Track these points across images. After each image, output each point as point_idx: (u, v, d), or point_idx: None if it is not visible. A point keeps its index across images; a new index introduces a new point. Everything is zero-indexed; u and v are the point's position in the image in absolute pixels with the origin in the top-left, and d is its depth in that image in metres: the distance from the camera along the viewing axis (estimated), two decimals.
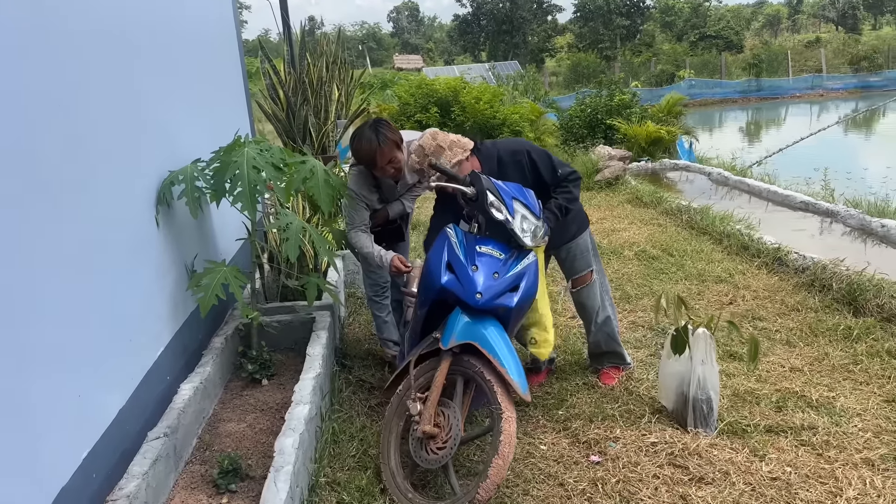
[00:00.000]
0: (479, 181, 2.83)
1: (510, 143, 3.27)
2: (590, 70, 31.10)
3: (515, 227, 2.81)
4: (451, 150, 3.04)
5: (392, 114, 12.77)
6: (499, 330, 2.74)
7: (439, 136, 3.07)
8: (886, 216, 6.16)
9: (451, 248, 2.83)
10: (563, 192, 3.22)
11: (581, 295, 3.55)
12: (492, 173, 3.13)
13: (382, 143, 3.26)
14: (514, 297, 2.78)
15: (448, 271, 2.78)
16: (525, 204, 2.89)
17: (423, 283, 2.91)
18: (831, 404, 3.33)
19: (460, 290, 2.73)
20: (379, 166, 3.31)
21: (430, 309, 2.89)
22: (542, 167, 3.19)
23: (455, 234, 2.89)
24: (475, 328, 2.71)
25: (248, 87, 5.38)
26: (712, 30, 48.27)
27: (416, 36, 76.21)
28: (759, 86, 28.79)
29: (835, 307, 4.49)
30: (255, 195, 3.03)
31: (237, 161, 3.06)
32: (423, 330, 2.99)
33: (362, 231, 3.54)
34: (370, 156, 3.28)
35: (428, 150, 3.03)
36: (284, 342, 3.67)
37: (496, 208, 2.79)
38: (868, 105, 24.70)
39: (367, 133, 3.29)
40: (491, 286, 2.74)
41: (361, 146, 3.29)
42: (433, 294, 2.81)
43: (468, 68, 23.03)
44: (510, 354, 2.66)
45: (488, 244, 2.85)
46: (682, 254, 5.87)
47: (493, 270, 2.78)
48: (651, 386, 3.58)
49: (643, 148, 10.27)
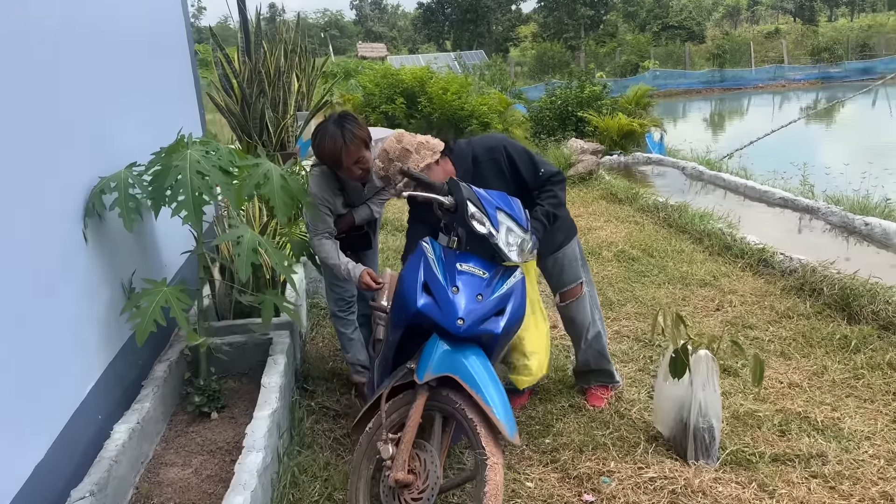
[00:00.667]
0: (457, 190, 2.47)
1: (485, 140, 2.91)
2: (555, 60, 30.89)
3: (500, 242, 2.47)
4: (418, 154, 2.68)
5: (356, 105, 12.33)
6: (482, 360, 2.40)
7: (405, 139, 2.70)
8: (869, 213, 5.97)
9: (429, 265, 2.48)
10: (548, 196, 2.89)
11: (570, 309, 3.23)
12: (467, 175, 2.78)
13: (349, 141, 2.89)
14: (500, 322, 2.43)
15: (425, 293, 2.43)
16: (510, 215, 2.54)
17: (396, 305, 2.55)
18: (837, 426, 3.07)
19: (439, 316, 2.37)
20: (345, 167, 2.94)
21: (403, 334, 2.53)
22: (521, 166, 2.85)
23: (432, 249, 2.54)
24: (455, 358, 2.36)
25: (198, 78, 4.93)
26: (674, 20, 48.52)
27: (380, 24, 75.25)
28: (722, 76, 28.91)
29: (827, 313, 4.25)
30: (199, 204, 2.64)
31: (179, 165, 2.66)
32: (395, 357, 2.63)
33: (326, 238, 3.17)
34: (335, 155, 2.91)
35: (393, 155, 2.66)
36: (238, 366, 3.28)
37: (478, 220, 2.44)
38: (829, 96, 24.96)
39: (330, 129, 2.91)
40: (474, 310, 2.39)
41: (325, 144, 2.91)
42: (408, 319, 2.45)
43: (434, 57, 22.58)
44: (496, 390, 2.32)
45: (470, 261, 2.50)
46: (663, 254, 5.61)
47: (476, 292, 2.43)
48: (644, 408, 3.29)
49: (615, 141, 10.02)
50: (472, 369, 2.33)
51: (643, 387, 3.50)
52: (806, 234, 6.13)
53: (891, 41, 32.51)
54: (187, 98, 4.46)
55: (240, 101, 5.01)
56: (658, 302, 4.62)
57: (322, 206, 3.11)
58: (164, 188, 2.63)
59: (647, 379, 3.58)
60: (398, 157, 2.66)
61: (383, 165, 2.69)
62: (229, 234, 2.76)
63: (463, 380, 2.31)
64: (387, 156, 2.68)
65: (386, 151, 2.67)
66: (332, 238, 3.19)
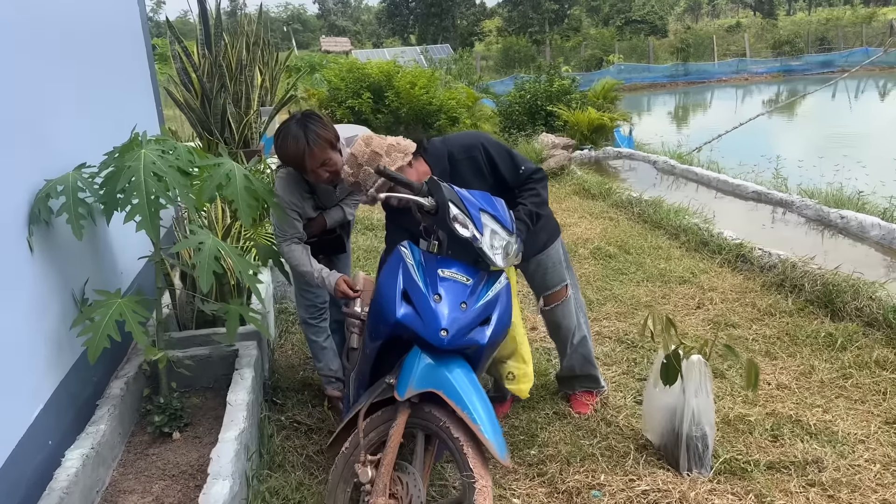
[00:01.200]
0: (438, 190, 2.30)
1: (462, 138, 2.74)
2: (521, 54, 30.80)
3: (484, 246, 2.30)
4: (388, 156, 2.49)
5: (321, 99, 12.04)
6: (467, 372, 2.23)
7: (374, 141, 2.51)
8: (843, 207, 5.95)
9: (408, 271, 2.30)
10: (530, 194, 2.74)
11: (555, 314, 3.08)
12: (443, 175, 2.61)
13: (312, 143, 2.69)
14: (485, 332, 2.27)
15: (404, 302, 2.25)
16: (495, 216, 2.38)
17: (373, 315, 2.37)
18: (830, 430, 2.98)
19: (420, 327, 2.20)
20: (309, 170, 2.74)
21: (382, 345, 2.35)
22: (501, 164, 2.69)
23: (411, 253, 2.36)
24: (438, 372, 2.19)
25: (155, 73, 4.67)
26: (637, 14, 48.89)
27: (343, 18, 74.48)
28: (686, 70, 29.12)
29: (810, 310, 4.18)
30: (155, 209, 2.42)
31: (132, 166, 2.44)
32: (373, 370, 2.45)
33: (296, 243, 2.97)
34: (298, 158, 2.71)
35: (362, 159, 2.48)
36: (201, 380, 3.07)
37: (460, 223, 2.27)
38: (791, 89, 25.32)
39: (293, 130, 2.71)
40: (457, 319, 2.22)
41: (287, 146, 2.71)
42: (386, 330, 2.27)
43: (401, 51, 22.27)
44: (483, 406, 2.16)
45: (452, 266, 2.32)
46: (640, 251, 5.51)
47: (459, 299, 2.25)
48: (631, 414, 3.16)
49: (585, 135, 9.92)
50: (458, 384, 2.17)
51: (628, 391, 3.38)
52: (781, 228, 6.09)
53: (847, 35, 33.14)
54: (143, 93, 4.20)
55: (200, 97, 4.76)
56: (638, 301, 4.51)
57: (290, 210, 2.91)
58: (117, 192, 2.41)
59: (632, 383, 3.46)
60: (368, 162, 2.47)
61: (352, 171, 2.50)
62: (189, 240, 2.54)
63: (448, 396, 2.14)
64: (355, 161, 2.49)
65: (354, 156, 2.49)
66: (302, 243, 2.99)
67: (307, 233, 3.04)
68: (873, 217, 5.50)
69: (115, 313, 2.42)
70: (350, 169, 2.49)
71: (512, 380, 2.89)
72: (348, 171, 2.50)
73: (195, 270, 2.45)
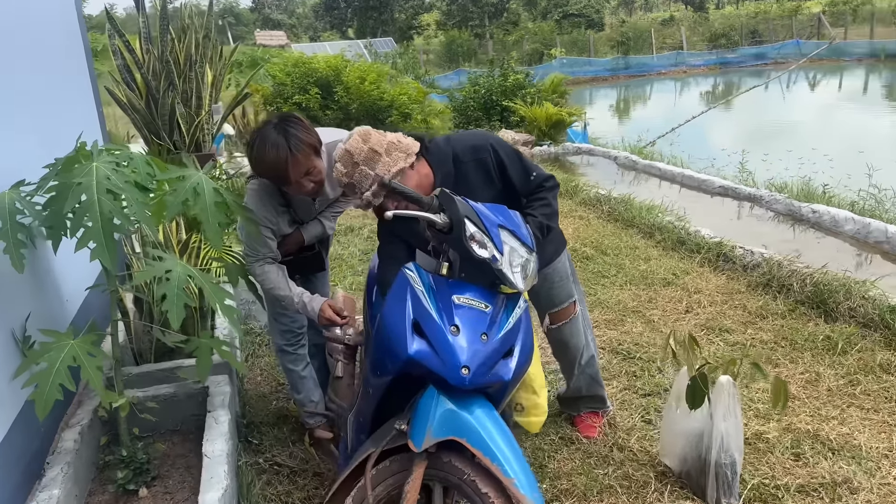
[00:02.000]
0: (452, 205, 1.99)
1: (469, 138, 2.44)
2: (464, 48, 30.58)
3: (504, 267, 2.01)
4: (389, 156, 2.18)
5: (266, 96, 11.52)
6: (492, 416, 1.94)
7: (372, 138, 2.20)
8: (814, 201, 5.90)
9: (418, 299, 1.99)
10: (541, 204, 2.46)
11: (562, 333, 2.81)
12: (447, 179, 2.31)
13: (295, 150, 2.34)
14: (509, 365, 1.98)
15: (416, 335, 1.94)
16: (514, 233, 2.09)
17: (378, 350, 2.05)
18: (851, 444, 2.81)
19: (438, 365, 1.89)
20: (293, 181, 2.40)
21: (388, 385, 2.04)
22: (511, 168, 2.40)
23: (419, 277, 2.05)
24: (460, 417, 1.89)
25: (93, 70, 4.20)
26: (574, 8, 49.35)
27: (278, 11, 72.81)
28: (626, 63, 29.45)
29: (802, 311, 4.06)
30: (111, 233, 2.04)
31: (82, 183, 2.05)
32: (376, 412, 2.14)
33: (269, 264, 2.62)
34: (279, 168, 2.36)
35: (358, 157, 2.16)
36: (167, 423, 2.69)
37: (478, 242, 1.97)
38: (727, 80, 25.89)
39: (271, 137, 2.36)
40: (479, 352, 1.92)
41: (266, 156, 2.36)
42: (395, 367, 1.96)
43: (348, 45, 21.67)
44: (514, 455, 1.87)
45: (467, 291, 2.02)
46: (617, 252, 5.32)
47: (479, 330, 1.95)
48: (643, 437, 2.93)
49: (543, 131, 9.73)
50: (483, 430, 1.87)
51: (634, 409, 3.15)
52: (753, 224, 6.01)
53: (776, 27, 34.14)
54: (83, 95, 3.74)
55: (145, 96, 4.31)
56: (625, 306, 4.30)
57: (264, 227, 2.56)
58: (65, 213, 2.02)
59: (637, 400, 3.24)
60: (365, 161, 2.15)
61: (346, 171, 2.17)
62: (153, 268, 2.16)
63: (474, 445, 1.84)
64: (351, 159, 2.17)
65: (350, 153, 2.16)
66: (276, 262, 2.64)
67: (282, 251, 2.70)
68: (846, 211, 5.45)
69: (66, 358, 2.04)
70: (344, 168, 2.16)
71: (521, 412, 2.61)
72: (342, 169, 2.17)
73: (162, 303, 2.08)
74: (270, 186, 2.56)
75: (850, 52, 27.30)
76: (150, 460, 2.40)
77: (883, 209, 5.72)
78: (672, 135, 10.73)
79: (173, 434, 2.68)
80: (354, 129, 2.29)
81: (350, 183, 2.19)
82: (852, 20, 33.55)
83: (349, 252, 5.59)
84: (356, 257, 5.49)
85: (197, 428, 2.66)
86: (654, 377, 3.41)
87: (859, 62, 26.42)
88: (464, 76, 14.25)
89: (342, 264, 5.27)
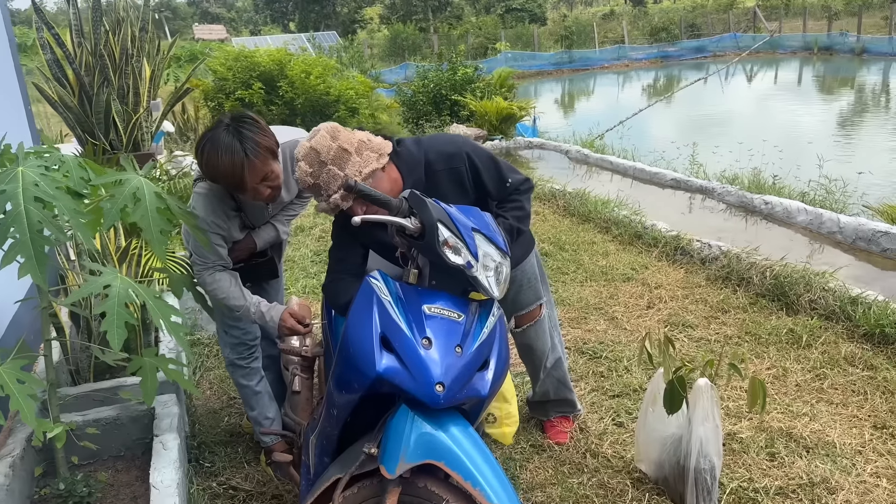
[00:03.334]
0: (424, 208, 1.84)
1: (442, 143, 2.28)
2: (409, 42, 30.32)
3: (480, 275, 1.87)
4: (359, 155, 2.02)
5: (207, 91, 11.11)
6: (468, 433, 1.80)
7: (342, 135, 2.03)
8: (765, 192, 5.95)
9: (385, 310, 1.83)
10: (513, 206, 2.35)
11: (527, 335, 2.70)
12: (417, 185, 2.16)
13: (252, 155, 2.15)
14: (486, 378, 1.84)
15: (385, 350, 1.79)
16: (487, 236, 1.95)
17: (342, 366, 1.88)
18: (824, 441, 2.78)
19: (409, 383, 1.74)
20: (249, 188, 2.21)
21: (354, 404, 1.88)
22: (486, 176, 2.27)
23: (385, 286, 1.89)
24: (435, 439, 1.74)
25: (19, 65, 3.88)
26: (517, 3, 49.60)
27: (217, 5, 71.06)
28: (570, 57, 29.69)
29: (763, 304, 4.05)
30: (42, 245, 1.82)
31: (7, 190, 1.83)
32: (342, 433, 1.97)
33: (220, 272, 2.42)
34: (235, 175, 2.16)
35: (326, 156, 1.99)
36: (110, 449, 2.46)
37: (452, 248, 1.83)
38: (668, 73, 26.36)
39: (224, 140, 2.15)
40: (453, 367, 1.77)
41: (219, 162, 2.15)
42: (362, 386, 1.80)
43: (292, 38, 21.12)
44: (496, 477, 1.73)
45: (438, 300, 1.87)
46: (575, 247, 5.25)
47: (452, 343, 1.81)
48: (615, 441, 2.84)
49: (494, 125, 9.64)
50: (462, 451, 1.73)
51: (605, 412, 3.07)
52: (706, 216, 6.03)
53: (714, 21, 34.96)
54: (8, 92, 3.44)
55: (77, 93, 4.01)
56: (587, 303, 4.23)
57: (214, 234, 2.36)
58: None
59: (606, 401, 3.15)
60: (333, 160, 1.98)
61: (312, 171, 2.00)
62: (91, 284, 1.95)
63: (452, 468, 1.70)
64: (317, 157, 1.99)
65: (316, 152, 1.99)
66: (227, 270, 2.45)
67: (232, 258, 2.50)
68: (798, 202, 5.50)
69: None
70: (309, 168, 1.98)
71: (493, 423, 2.49)
72: (306, 169, 1.99)
73: (102, 323, 1.88)
74: (220, 190, 2.36)
75: (784, 45, 28.09)
76: (91, 493, 2.18)
77: (833, 199, 5.80)
78: (620, 128, 10.77)
79: (116, 461, 2.46)
80: (321, 126, 2.11)
81: (315, 184, 2.01)
82: (785, 14, 34.60)
83: (300, 254, 5.38)
84: (308, 258, 5.28)
85: (143, 452, 2.45)
86: (622, 377, 3.33)
87: (794, 55, 27.22)
88: (410, 70, 14.08)
89: (294, 266, 5.06)
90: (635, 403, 3.08)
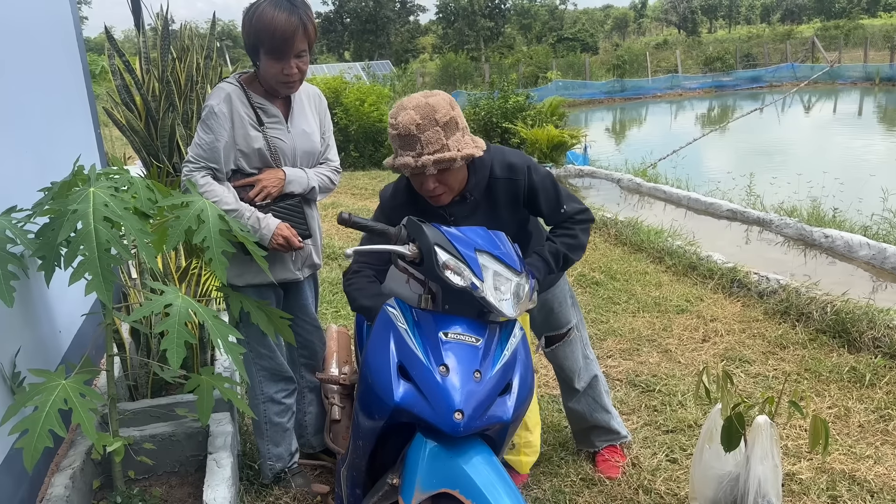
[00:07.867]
0: (420, 233, 1.85)
1: (508, 154, 2.29)
2: (460, 71, 30.67)
3: (487, 294, 1.85)
4: (465, 135, 2.06)
5: None
6: (489, 460, 1.74)
7: (458, 110, 2.06)
8: (825, 225, 5.79)
9: (401, 339, 1.82)
10: (566, 234, 2.34)
11: (556, 355, 2.69)
12: (478, 188, 2.19)
13: (307, 21, 2.24)
14: (508, 404, 1.79)
15: (402, 378, 1.78)
16: (495, 255, 1.93)
17: (364, 399, 1.87)
18: (889, 486, 2.66)
19: (427, 412, 1.72)
20: (289, 55, 2.22)
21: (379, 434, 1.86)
22: (542, 196, 2.27)
23: (401, 313, 1.88)
24: (452, 466, 1.71)
25: (91, 90, 4.07)
26: (569, 32, 49.85)
27: None
28: (622, 86, 29.56)
29: (823, 341, 3.91)
30: (108, 264, 1.89)
31: (78, 210, 1.91)
32: (370, 464, 1.96)
33: (213, 176, 2.32)
34: (287, 32, 2.18)
35: (440, 116, 1.97)
36: (165, 464, 2.51)
37: (453, 270, 1.81)
38: (722, 104, 25.99)
39: (282, 3, 2.20)
40: (473, 393, 1.73)
41: (277, 15, 2.17)
42: (383, 416, 1.78)
43: (348, 67, 21.65)
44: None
45: (454, 324, 1.85)
46: (627, 277, 5.18)
47: (471, 367, 1.77)
48: (669, 478, 2.77)
49: (545, 153, 9.64)
50: (479, 479, 1.67)
51: (658, 447, 2.99)
52: (763, 248, 5.88)
53: (770, 51, 34.45)
54: (80, 116, 3.60)
55: (144, 117, 4.19)
56: (640, 334, 4.16)
57: (223, 126, 2.28)
58: (59, 243, 1.87)
59: (659, 436, 3.08)
60: (444, 125, 1.99)
61: (420, 122, 1.97)
62: (153, 303, 2.01)
63: (468, 497, 1.65)
64: (432, 113, 1.97)
65: (433, 108, 1.98)
66: (224, 182, 2.35)
67: (263, 193, 2.34)
68: (860, 236, 5.33)
69: (57, 400, 1.87)
70: (420, 119, 1.97)
71: (511, 449, 2.46)
72: (415, 118, 1.97)
73: (162, 341, 1.92)
74: (242, 93, 2.32)
75: (844, 75, 27.46)
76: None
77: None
78: (674, 157, 10.64)
79: (171, 476, 2.51)
80: (435, 91, 2.15)
81: (415, 136, 1.97)
82: (845, 44, 33.88)
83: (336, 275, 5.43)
84: None
85: (196, 469, 2.49)
86: (675, 412, 3.25)
87: (854, 85, 26.57)
88: (462, 98, 14.18)
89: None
90: (690, 439, 3.00)
